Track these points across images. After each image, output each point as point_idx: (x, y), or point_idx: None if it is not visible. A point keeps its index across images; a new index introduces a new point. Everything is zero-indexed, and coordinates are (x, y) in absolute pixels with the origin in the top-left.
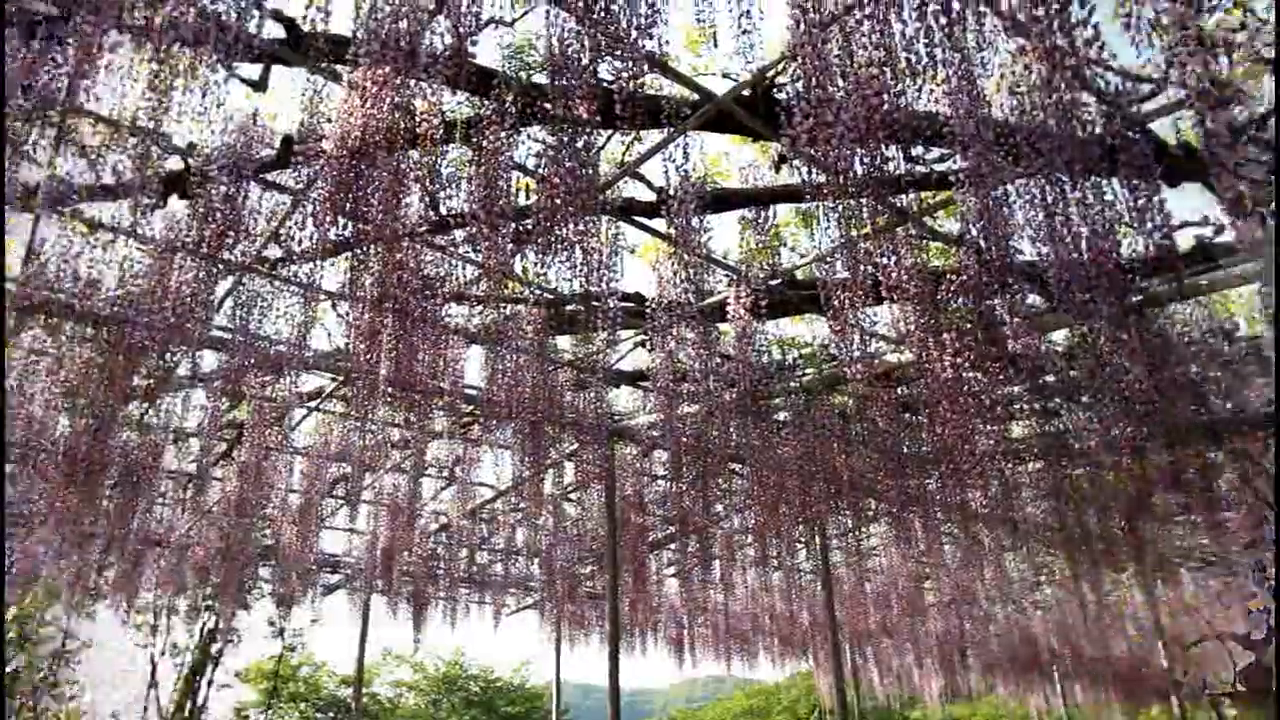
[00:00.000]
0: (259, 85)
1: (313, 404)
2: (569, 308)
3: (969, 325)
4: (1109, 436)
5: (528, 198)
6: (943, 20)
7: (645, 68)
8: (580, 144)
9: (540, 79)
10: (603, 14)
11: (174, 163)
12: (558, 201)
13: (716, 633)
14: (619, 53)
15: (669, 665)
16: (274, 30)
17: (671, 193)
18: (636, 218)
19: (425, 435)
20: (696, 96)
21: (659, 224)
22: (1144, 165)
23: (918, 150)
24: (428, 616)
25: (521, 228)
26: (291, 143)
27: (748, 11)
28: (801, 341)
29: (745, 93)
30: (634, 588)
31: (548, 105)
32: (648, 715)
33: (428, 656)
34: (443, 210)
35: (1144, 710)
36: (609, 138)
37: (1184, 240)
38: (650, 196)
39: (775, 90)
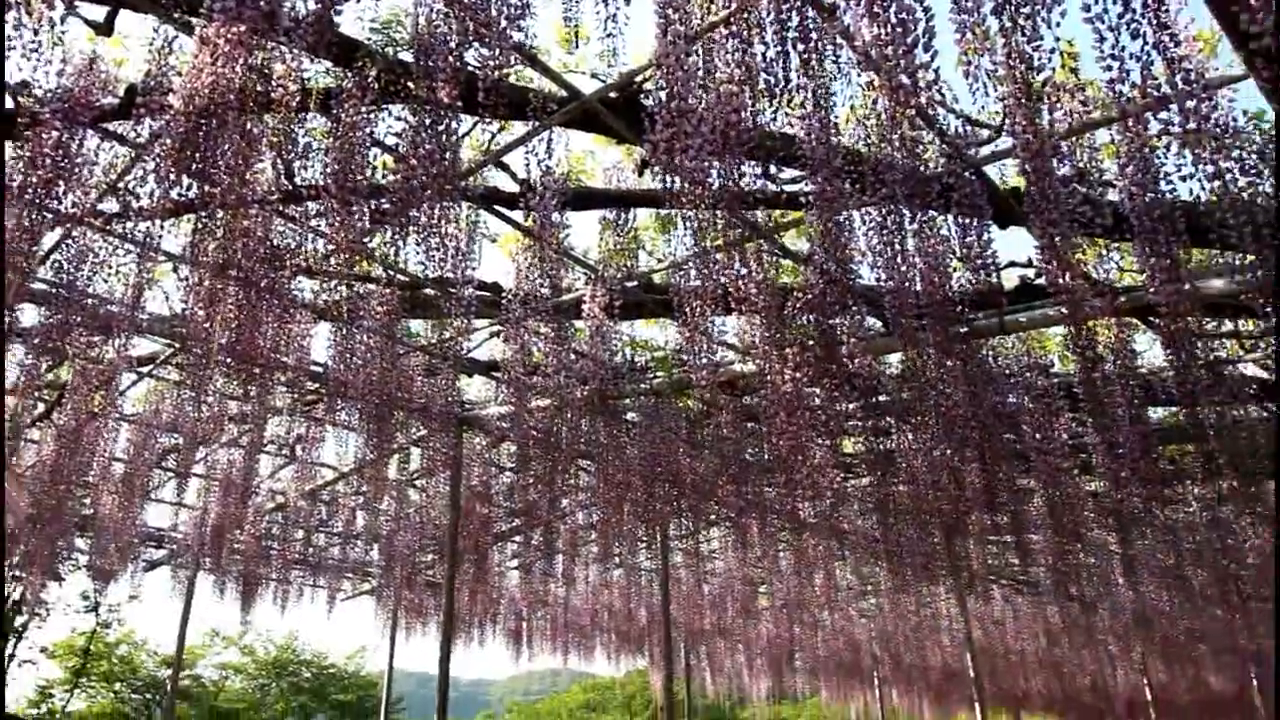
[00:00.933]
0: (103, 28)
1: (144, 370)
2: (424, 292)
3: (811, 342)
4: (931, 457)
5: (384, 176)
6: (800, 47)
7: (512, 58)
8: (442, 127)
9: (406, 57)
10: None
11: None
12: (415, 183)
13: (555, 626)
14: (487, 40)
15: (508, 657)
16: None
17: (533, 186)
18: (498, 207)
19: (265, 410)
20: (564, 93)
21: (521, 216)
22: (976, 205)
23: (774, 169)
24: (258, 598)
25: (377, 206)
26: (135, 92)
27: (614, 15)
28: (654, 345)
29: (612, 95)
30: (475, 578)
31: (411, 85)
32: (485, 707)
33: (258, 640)
34: (297, 180)
35: (954, 716)
36: (475, 124)
37: (1009, 279)
38: (513, 188)
39: (641, 96)
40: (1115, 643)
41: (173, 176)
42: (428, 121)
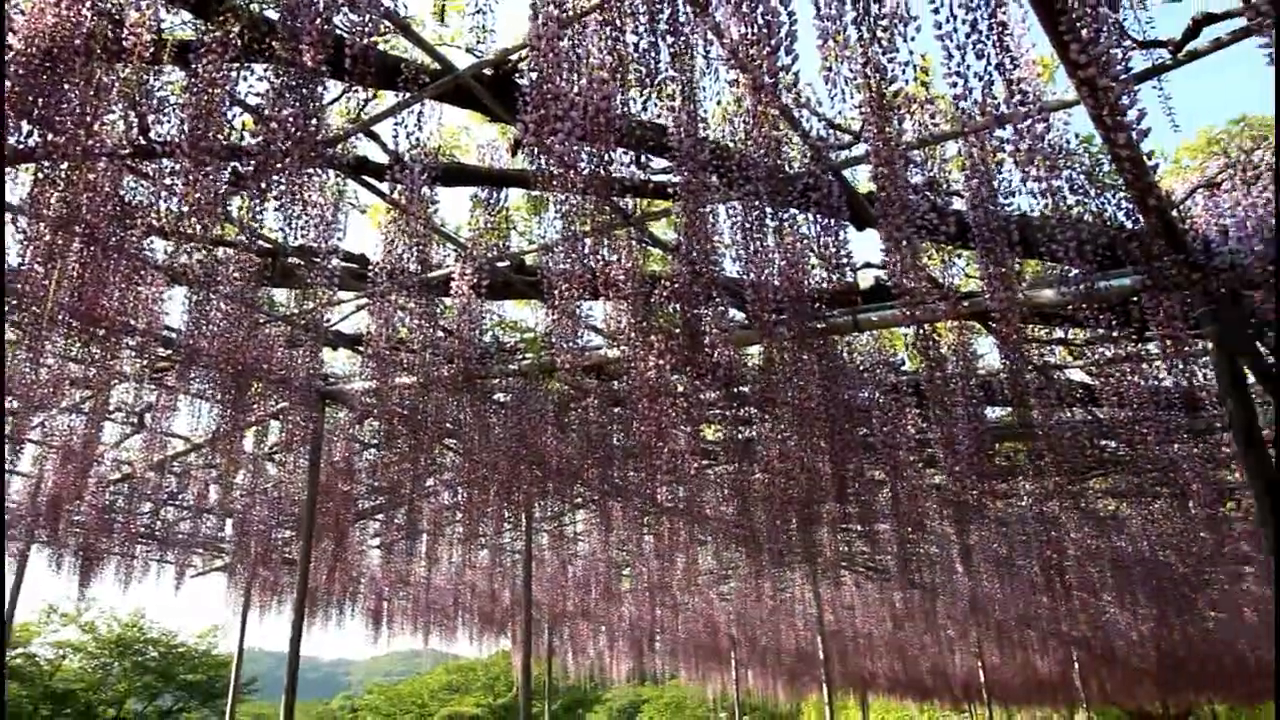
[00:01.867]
0: None
1: None
2: (287, 260)
3: (676, 331)
4: (787, 447)
5: (245, 137)
6: (671, 40)
7: (383, 26)
8: (307, 91)
9: (272, 14)
10: None
11: None
12: (276, 147)
13: (418, 607)
14: (357, 4)
15: (370, 638)
16: None
17: (403, 159)
18: (367, 178)
19: (111, 376)
20: (437, 66)
21: (390, 188)
22: (834, 207)
23: (644, 158)
24: (99, 573)
25: (236, 168)
26: None
27: None
28: (524, 326)
29: (486, 72)
30: (335, 556)
31: (276, 44)
32: (345, 688)
33: (100, 617)
34: (151, 135)
35: (805, 696)
36: (344, 91)
37: (866, 279)
38: (384, 159)
39: (516, 75)
40: (954, 627)
41: (11, 122)
42: (292, 83)
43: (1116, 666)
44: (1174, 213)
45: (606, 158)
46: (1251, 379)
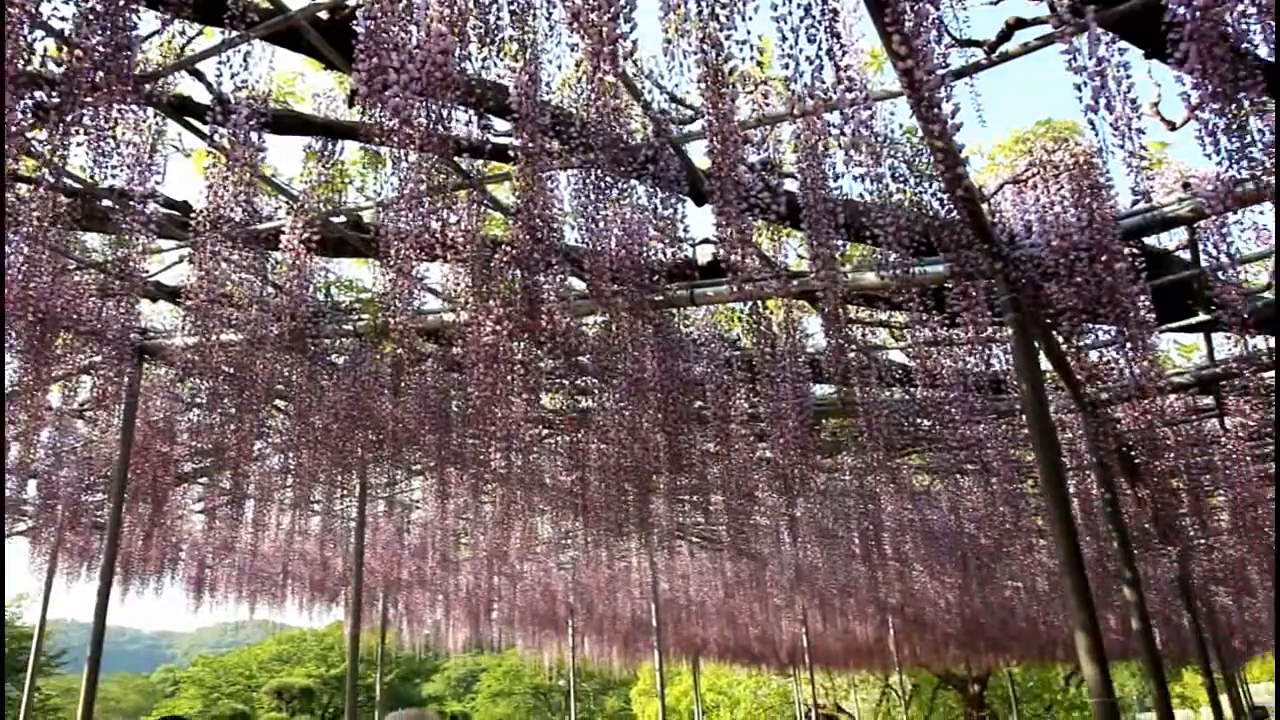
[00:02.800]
0: None
1: None
2: (99, 202)
3: (515, 297)
4: (625, 417)
5: (48, 66)
6: None
7: None
8: (121, 18)
9: None
10: None
11: None
12: (85, 77)
13: (245, 575)
14: None
15: (191, 606)
16: None
17: (230, 101)
18: (189, 119)
19: None
20: (269, 4)
21: (214, 132)
22: (674, 180)
23: (485, 118)
24: None
25: (40, 98)
26: None
27: None
28: (360, 286)
29: (321, 15)
30: (153, 521)
31: None
32: (169, 661)
33: None
34: None
35: (639, 663)
36: (166, 23)
37: (705, 254)
38: (208, 99)
39: (353, 22)
40: (781, 596)
41: None
42: (102, 8)
43: (926, 632)
44: (984, 205)
45: (445, 115)
46: (1046, 365)
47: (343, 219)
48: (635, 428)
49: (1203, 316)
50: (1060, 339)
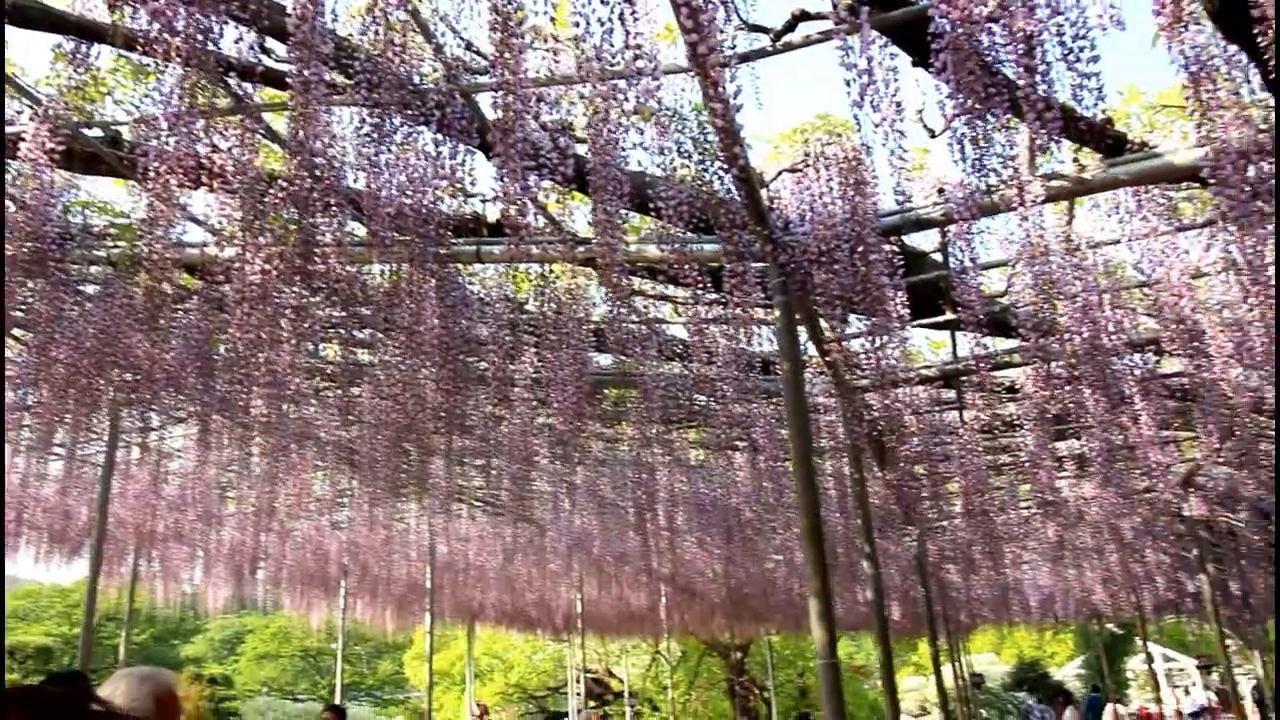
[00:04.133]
0: None
1: None
2: None
3: (290, 237)
4: (406, 374)
5: None
6: None
7: None
8: None
9: None
10: None
11: None
12: None
13: None
14: None
15: None
16: None
17: None
18: None
19: None
20: None
21: None
22: (465, 131)
23: (265, 40)
24: None
25: None
26: None
27: None
28: (117, 209)
29: None
30: None
31: None
32: None
33: None
34: None
35: (414, 625)
36: None
37: (495, 212)
38: None
39: None
40: (558, 562)
41: None
42: None
43: (696, 601)
44: (764, 191)
45: (214, 28)
46: (814, 352)
47: (98, 133)
48: (415, 385)
49: (949, 316)
50: (824, 326)
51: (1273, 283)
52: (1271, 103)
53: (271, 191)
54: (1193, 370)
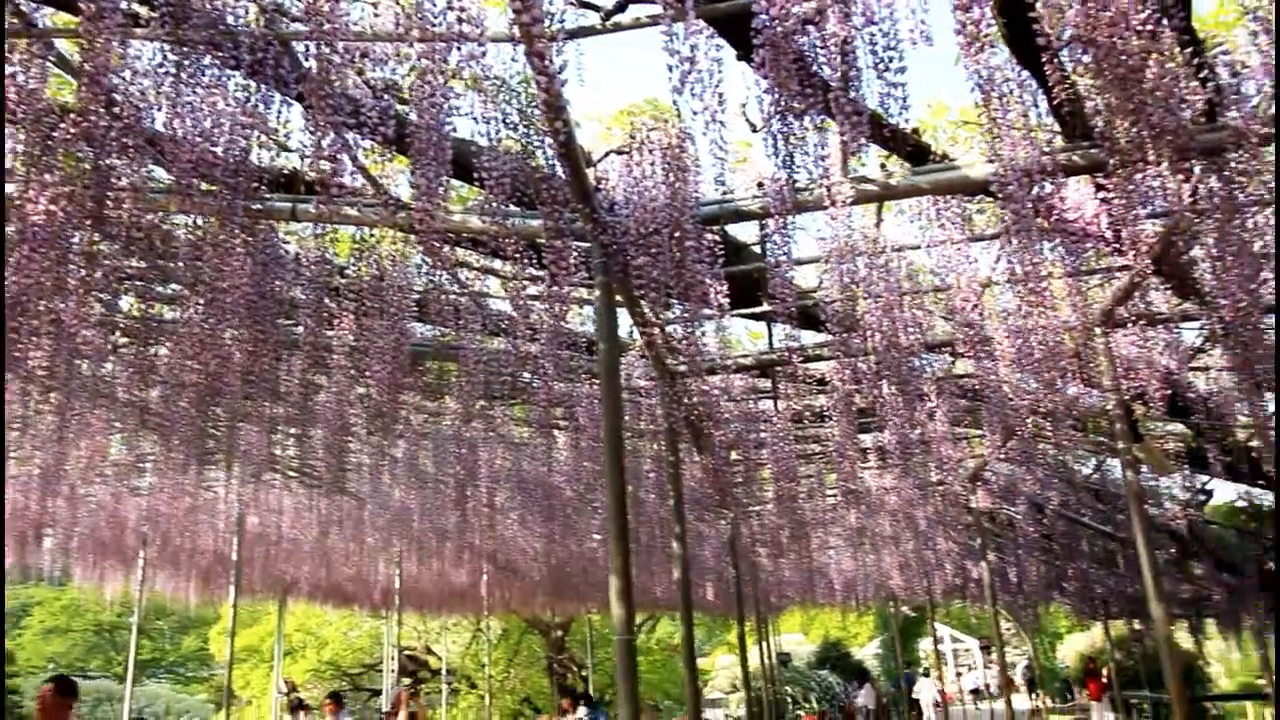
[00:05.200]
0: None
1: None
2: None
3: (81, 177)
4: (215, 334)
5: None
6: None
7: None
8: None
9: None
10: None
11: None
12: None
13: None
14: None
15: None
16: None
17: None
18: None
19: None
20: None
21: None
22: (281, 80)
23: None
24: None
25: None
26: None
27: None
28: None
29: None
30: None
31: None
32: None
33: None
34: None
35: (221, 600)
36: None
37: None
38: None
39: None
40: (377, 537)
41: None
42: None
43: (516, 579)
44: (592, 170)
45: None
46: (636, 334)
47: None
48: (220, 346)
49: (766, 307)
50: (647, 309)
51: (1048, 294)
52: (1057, 127)
53: (63, 126)
54: (980, 373)
